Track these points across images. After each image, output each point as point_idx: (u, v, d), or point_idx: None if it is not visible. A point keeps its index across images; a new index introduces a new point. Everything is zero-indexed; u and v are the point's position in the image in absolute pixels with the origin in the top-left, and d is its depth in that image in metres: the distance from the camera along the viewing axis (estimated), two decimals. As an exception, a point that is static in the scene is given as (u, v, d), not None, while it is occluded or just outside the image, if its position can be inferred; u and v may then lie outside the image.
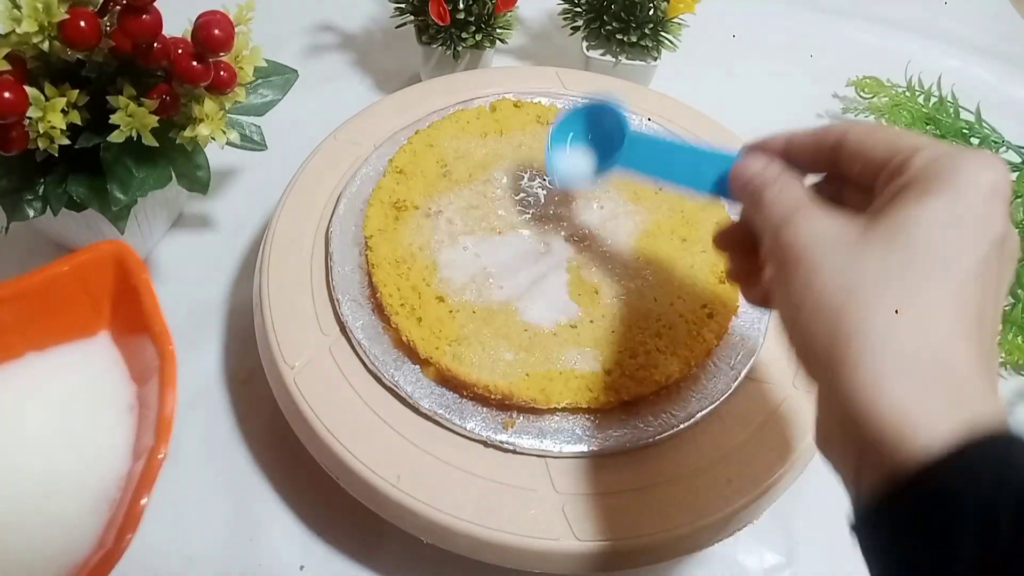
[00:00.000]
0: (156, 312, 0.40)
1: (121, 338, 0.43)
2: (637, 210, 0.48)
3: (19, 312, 0.40)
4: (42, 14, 0.38)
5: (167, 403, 0.37)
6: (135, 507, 0.33)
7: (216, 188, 0.58)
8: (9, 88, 0.38)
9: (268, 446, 0.46)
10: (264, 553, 0.42)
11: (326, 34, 0.72)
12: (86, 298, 0.42)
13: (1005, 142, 0.62)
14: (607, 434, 0.40)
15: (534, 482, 0.38)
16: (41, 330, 0.41)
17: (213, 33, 0.41)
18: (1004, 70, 0.77)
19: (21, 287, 0.40)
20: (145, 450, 0.36)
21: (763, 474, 0.39)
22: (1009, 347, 0.52)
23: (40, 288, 0.41)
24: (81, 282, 0.41)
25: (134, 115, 0.41)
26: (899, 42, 0.77)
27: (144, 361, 0.40)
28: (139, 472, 0.35)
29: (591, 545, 0.37)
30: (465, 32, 0.60)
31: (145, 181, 0.44)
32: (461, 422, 0.39)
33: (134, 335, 0.41)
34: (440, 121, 0.52)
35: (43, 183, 0.44)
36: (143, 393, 0.40)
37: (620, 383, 0.40)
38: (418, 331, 0.41)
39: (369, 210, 0.47)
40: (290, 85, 0.52)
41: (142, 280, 0.41)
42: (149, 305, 0.40)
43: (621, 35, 0.62)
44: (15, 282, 0.40)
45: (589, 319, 0.43)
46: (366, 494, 0.39)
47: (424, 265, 0.44)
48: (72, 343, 0.42)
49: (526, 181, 0.49)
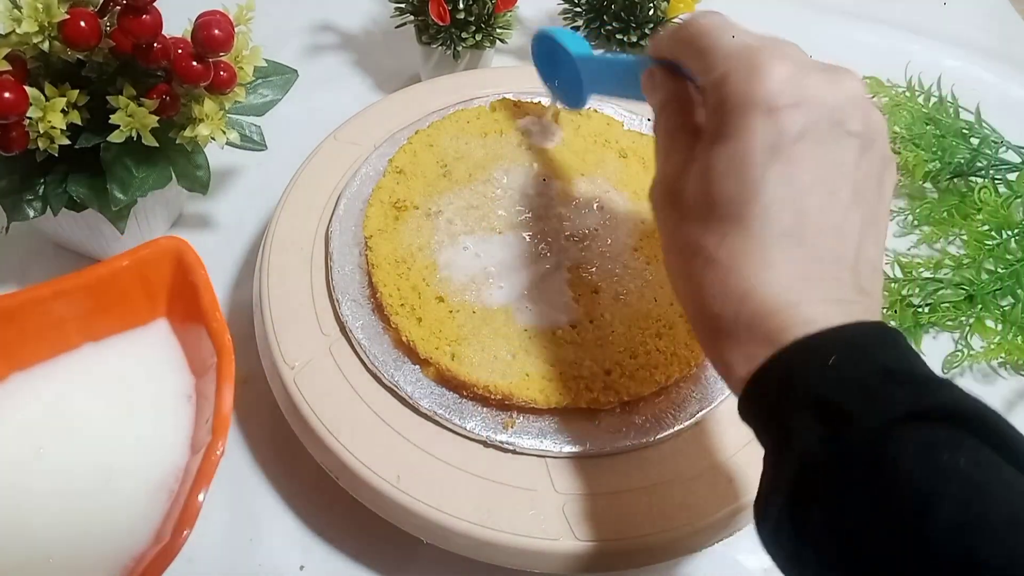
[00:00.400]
0: (214, 307, 0.40)
1: (177, 334, 0.43)
2: (637, 210, 0.48)
3: (78, 305, 0.41)
4: (42, 14, 0.38)
5: (225, 398, 0.37)
6: (192, 502, 0.33)
7: (216, 188, 0.58)
8: (9, 88, 0.38)
9: (268, 446, 0.46)
10: (264, 553, 0.42)
11: (326, 34, 0.72)
12: (144, 293, 0.42)
13: (1005, 142, 0.62)
14: (607, 434, 0.40)
15: (534, 482, 0.38)
16: (99, 323, 0.42)
17: (213, 33, 0.41)
18: (1004, 70, 0.76)
19: (80, 281, 0.41)
20: (203, 444, 0.36)
21: (763, 474, 0.39)
22: (1009, 347, 0.52)
23: (100, 282, 0.41)
24: (140, 277, 0.42)
25: (134, 115, 0.41)
26: (899, 42, 0.77)
27: (202, 354, 0.40)
28: (197, 467, 0.35)
29: (591, 545, 0.37)
30: (465, 32, 0.60)
31: (145, 181, 0.45)
32: (461, 422, 0.39)
33: (190, 331, 0.42)
34: (440, 121, 0.52)
35: (43, 183, 0.44)
36: (201, 385, 0.40)
37: (620, 383, 0.40)
38: (418, 331, 0.41)
39: (369, 210, 0.47)
40: (290, 85, 0.52)
41: (200, 276, 0.41)
42: (207, 300, 0.40)
43: (621, 35, 0.62)
44: (75, 276, 0.41)
45: (589, 319, 0.43)
46: (366, 494, 0.39)
47: (424, 265, 0.44)
48: (129, 332, 0.43)
49: (526, 181, 0.49)
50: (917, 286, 0.54)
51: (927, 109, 0.64)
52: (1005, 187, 0.59)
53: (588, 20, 0.64)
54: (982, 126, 0.62)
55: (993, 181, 0.59)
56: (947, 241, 0.59)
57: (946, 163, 0.60)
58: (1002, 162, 0.60)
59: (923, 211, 0.60)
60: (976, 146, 0.61)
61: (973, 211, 0.58)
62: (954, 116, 0.64)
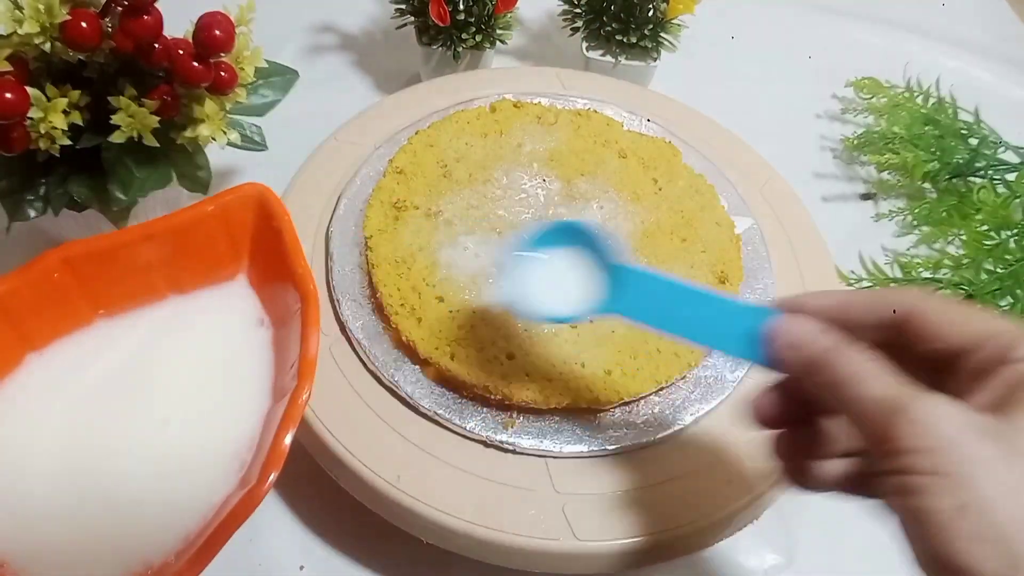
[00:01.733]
0: (299, 254, 0.40)
1: (259, 281, 0.43)
2: (637, 210, 0.48)
3: (164, 251, 0.41)
4: (44, 15, 0.38)
5: (310, 344, 0.36)
6: (279, 444, 0.33)
7: (217, 188, 0.57)
8: (11, 89, 0.38)
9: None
10: (264, 553, 0.42)
11: (326, 34, 0.72)
12: (227, 239, 0.43)
13: (1004, 142, 0.62)
14: (607, 434, 0.40)
15: (534, 482, 0.38)
16: (184, 271, 0.42)
17: (214, 34, 0.41)
18: (1003, 70, 0.77)
19: (168, 225, 0.41)
20: (285, 391, 0.36)
21: (763, 474, 0.40)
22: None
23: (185, 227, 0.41)
24: (224, 223, 0.42)
25: (135, 116, 0.41)
26: (898, 42, 0.77)
27: (284, 304, 0.40)
28: (282, 412, 0.35)
29: (591, 545, 0.37)
30: (465, 33, 0.60)
31: (146, 181, 0.45)
32: (461, 422, 0.40)
33: (272, 278, 0.42)
34: (440, 121, 0.52)
35: (44, 183, 0.44)
36: (280, 336, 0.41)
37: (620, 383, 0.40)
38: (418, 331, 0.41)
39: (369, 210, 0.47)
40: (290, 85, 0.52)
41: (285, 222, 0.41)
42: (292, 247, 0.40)
43: (621, 36, 0.62)
44: (162, 220, 0.41)
45: (589, 319, 0.43)
46: (366, 494, 0.39)
47: (424, 265, 0.44)
48: (212, 287, 0.43)
49: (526, 181, 0.49)
50: (916, 286, 0.54)
51: (926, 109, 0.64)
52: (1004, 187, 0.59)
53: (588, 21, 0.64)
54: (981, 126, 0.63)
55: (992, 181, 0.59)
56: (946, 241, 0.59)
57: (945, 163, 0.60)
58: (1001, 162, 0.60)
59: (922, 211, 0.60)
60: (975, 146, 0.61)
61: (972, 211, 0.58)
62: (953, 116, 0.64)
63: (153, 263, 0.41)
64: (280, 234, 0.41)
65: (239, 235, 0.43)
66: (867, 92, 0.68)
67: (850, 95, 0.71)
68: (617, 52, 0.64)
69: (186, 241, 0.41)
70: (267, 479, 0.32)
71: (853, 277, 0.56)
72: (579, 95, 0.56)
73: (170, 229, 0.41)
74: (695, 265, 0.46)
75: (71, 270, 0.39)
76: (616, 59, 0.64)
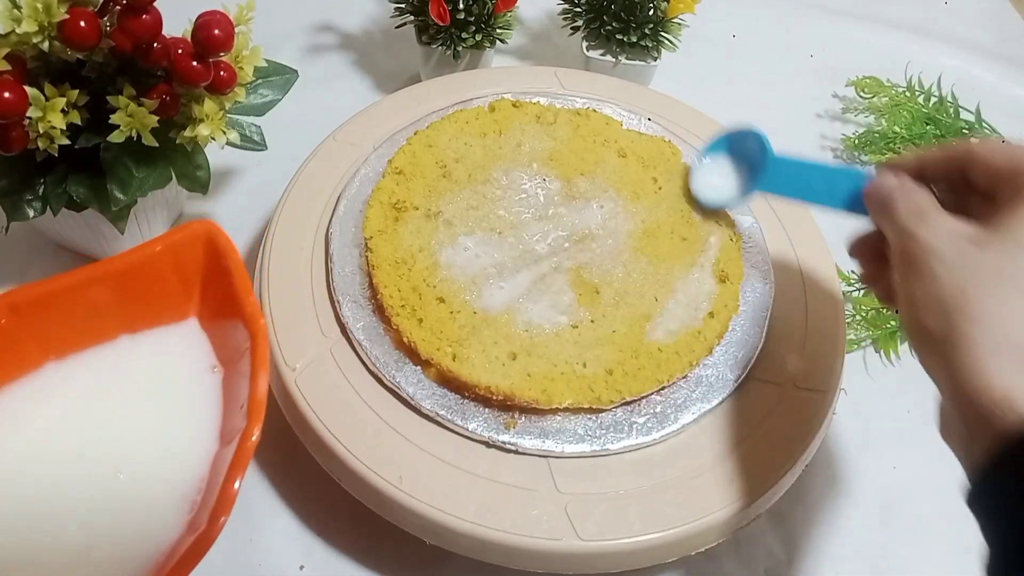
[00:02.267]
0: (248, 292, 0.40)
1: (209, 321, 0.43)
2: (637, 210, 0.48)
3: (114, 292, 0.41)
4: (42, 14, 0.38)
5: (259, 384, 0.36)
6: (228, 489, 0.33)
7: (216, 188, 0.58)
8: (9, 88, 0.38)
9: (269, 447, 0.45)
10: (264, 553, 0.42)
11: (326, 34, 0.72)
12: (178, 278, 0.42)
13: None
14: (609, 434, 0.40)
15: (536, 482, 0.38)
16: (134, 312, 0.42)
17: (213, 33, 0.41)
18: (1004, 70, 0.77)
19: (116, 266, 0.41)
20: (234, 432, 0.36)
21: (763, 474, 0.39)
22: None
23: (134, 268, 0.41)
24: (173, 262, 0.42)
25: (134, 115, 0.41)
26: (899, 42, 0.77)
27: (234, 342, 0.40)
28: (231, 455, 0.34)
29: (593, 545, 0.37)
30: (465, 32, 0.60)
31: (145, 181, 0.44)
32: (463, 423, 0.39)
33: (223, 317, 0.41)
34: (439, 122, 0.52)
35: (43, 183, 0.44)
36: (230, 375, 0.40)
37: (621, 383, 0.40)
38: (419, 332, 0.41)
39: (369, 211, 0.46)
40: (290, 85, 0.52)
41: (233, 260, 0.41)
42: (240, 285, 0.40)
43: (621, 35, 0.62)
44: (109, 261, 0.41)
45: (590, 319, 0.43)
46: (368, 495, 0.39)
47: (424, 266, 0.44)
48: (163, 327, 0.43)
49: (526, 181, 0.49)
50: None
51: (927, 109, 0.64)
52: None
53: (588, 20, 0.64)
54: (982, 126, 0.62)
55: (993, 181, 0.59)
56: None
57: (946, 163, 0.60)
58: (1002, 162, 0.60)
59: (923, 211, 0.60)
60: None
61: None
62: (954, 116, 0.64)
63: (102, 305, 0.41)
64: (229, 273, 0.41)
65: (190, 274, 0.42)
66: (868, 91, 0.68)
67: (851, 94, 0.71)
68: (617, 51, 0.64)
69: (135, 282, 0.41)
70: (217, 523, 0.32)
71: (854, 277, 0.55)
72: (578, 94, 0.56)
73: (118, 270, 0.41)
74: (695, 265, 0.46)
75: (18, 316, 0.39)
76: (616, 58, 0.64)
